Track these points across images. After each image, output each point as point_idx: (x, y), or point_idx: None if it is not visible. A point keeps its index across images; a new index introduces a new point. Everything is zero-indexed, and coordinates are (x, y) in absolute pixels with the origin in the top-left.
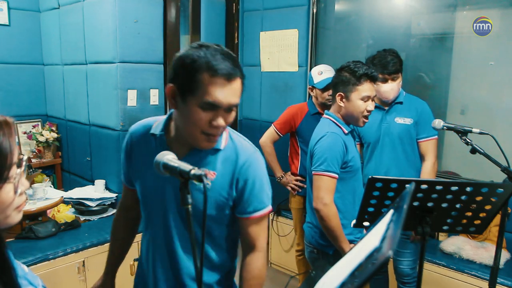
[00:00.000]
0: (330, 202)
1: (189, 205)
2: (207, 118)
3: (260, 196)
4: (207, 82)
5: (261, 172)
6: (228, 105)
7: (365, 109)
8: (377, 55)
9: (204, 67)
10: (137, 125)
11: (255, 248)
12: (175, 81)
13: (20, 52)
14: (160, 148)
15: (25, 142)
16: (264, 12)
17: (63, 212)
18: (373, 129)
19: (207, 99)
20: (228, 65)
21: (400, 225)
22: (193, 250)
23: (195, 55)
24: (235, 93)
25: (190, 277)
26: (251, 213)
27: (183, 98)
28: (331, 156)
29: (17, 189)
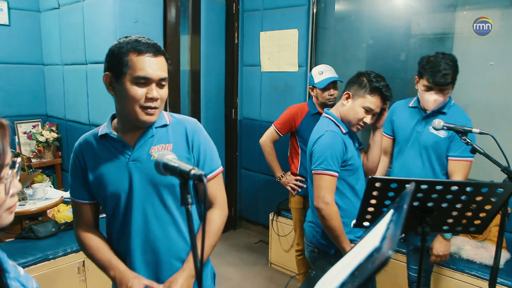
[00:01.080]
0: (331, 201)
1: (189, 205)
2: (142, 92)
3: (213, 157)
4: (135, 60)
5: (207, 136)
6: (158, 78)
7: (362, 119)
8: (431, 58)
9: (130, 49)
10: (80, 140)
11: (214, 205)
12: (108, 69)
13: (20, 52)
14: (114, 143)
15: (25, 142)
16: (264, 12)
17: (63, 212)
18: (405, 130)
19: (138, 73)
20: (150, 45)
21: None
22: (193, 249)
23: (121, 43)
24: (162, 67)
25: (169, 255)
26: (210, 174)
27: (118, 81)
28: (331, 154)
29: (9, 190)
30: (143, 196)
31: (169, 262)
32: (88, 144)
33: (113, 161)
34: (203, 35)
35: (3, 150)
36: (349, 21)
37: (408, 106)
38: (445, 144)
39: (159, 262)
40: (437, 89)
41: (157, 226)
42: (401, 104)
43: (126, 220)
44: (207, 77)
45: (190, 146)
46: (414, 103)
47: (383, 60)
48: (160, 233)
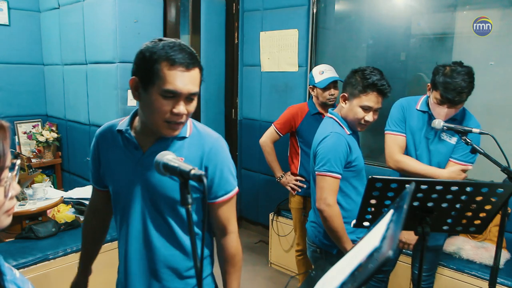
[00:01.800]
0: (333, 202)
1: (189, 205)
2: (168, 106)
3: (228, 179)
4: (166, 71)
5: (227, 156)
6: (188, 93)
7: (363, 118)
8: (448, 70)
9: (163, 57)
10: (102, 127)
11: (228, 230)
12: (137, 74)
13: (20, 52)
14: (127, 141)
15: (25, 142)
16: (264, 12)
17: (63, 212)
18: (415, 134)
19: (167, 87)
20: (186, 56)
21: (400, 225)
22: (193, 251)
23: (154, 48)
24: (194, 81)
25: (166, 266)
26: (221, 196)
27: (145, 89)
28: (335, 156)
29: (8, 192)
30: (143, 204)
31: (165, 273)
32: (106, 134)
33: (122, 160)
34: (203, 35)
35: (3, 152)
36: (349, 21)
37: (416, 109)
38: (452, 149)
39: (155, 271)
40: (449, 105)
41: (156, 235)
42: (408, 103)
43: (125, 220)
44: (207, 77)
45: (202, 165)
46: (422, 107)
47: (383, 60)
48: (158, 243)
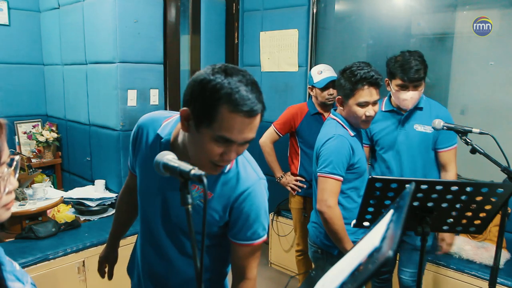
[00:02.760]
0: (334, 204)
1: (189, 205)
2: (219, 151)
3: (254, 227)
4: (226, 117)
5: (259, 203)
6: (243, 141)
7: (364, 115)
8: (399, 57)
9: (225, 100)
10: (147, 118)
11: (245, 275)
12: (191, 105)
13: (20, 52)
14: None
15: (25, 142)
16: (264, 12)
17: (63, 212)
18: (388, 134)
19: (223, 134)
20: (252, 100)
21: (400, 225)
22: (193, 253)
23: (218, 84)
24: (253, 129)
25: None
26: (243, 241)
27: (198, 126)
28: (337, 159)
29: (5, 187)
30: (157, 220)
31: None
32: (147, 128)
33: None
34: (203, 35)
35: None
36: (349, 21)
37: (381, 111)
38: (433, 139)
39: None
40: (412, 86)
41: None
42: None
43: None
44: None
45: (229, 207)
46: (387, 107)
47: (383, 60)
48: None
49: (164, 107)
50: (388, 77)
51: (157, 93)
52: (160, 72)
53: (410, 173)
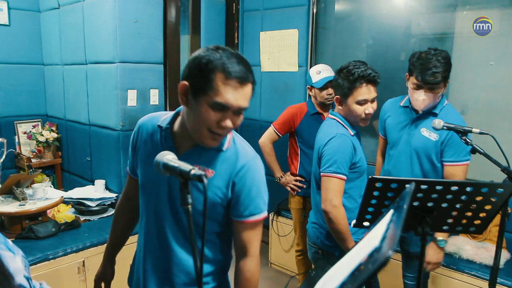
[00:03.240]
0: (339, 204)
1: (189, 205)
2: (216, 118)
3: (256, 201)
4: (220, 83)
5: (259, 177)
6: (238, 108)
7: (363, 112)
8: (422, 54)
9: (219, 68)
10: (146, 117)
11: (248, 253)
12: (188, 79)
13: (20, 52)
14: (164, 140)
15: (25, 142)
16: (264, 12)
17: (63, 212)
18: (396, 130)
19: (218, 100)
20: (242, 69)
21: (400, 225)
22: (193, 251)
23: (212, 56)
24: (246, 97)
25: (179, 268)
26: (246, 217)
27: (195, 96)
28: (341, 158)
29: None
30: (164, 206)
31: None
32: (148, 125)
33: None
34: (203, 35)
35: None
36: (349, 21)
37: (400, 105)
38: (436, 148)
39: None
40: (427, 88)
41: (172, 239)
42: (392, 102)
43: (145, 213)
44: None
45: (230, 182)
46: (405, 102)
47: (383, 60)
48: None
49: (164, 107)
50: (408, 72)
51: (157, 93)
52: (160, 72)
53: (408, 175)
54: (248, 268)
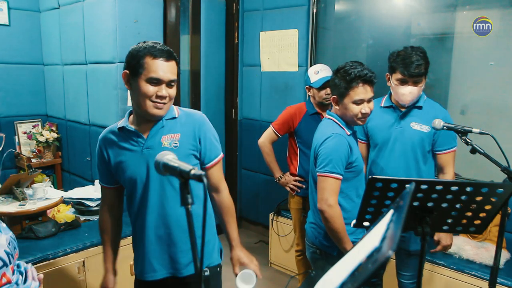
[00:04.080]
0: (335, 203)
1: (189, 205)
2: (154, 90)
3: (215, 145)
4: (150, 63)
5: (211, 128)
6: (168, 80)
7: (359, 112)
8: (402, 52)
9: (147, 53)
10: (103, 132)
11: (221, 188)
12: (127, 68)
13: (20, 52)
14: (129, 134)
15: (25, 142)
16: (264, 12)
17: (63, 212)
18: (383, 130)
19: (151, 75)
20: (164, 51)
21: (400, 225)
22: (192, 249)
23: (139, 47)
24: (172, 71)
25: (180, 229)
26: (213, 160)
27: (134, 79)
28: (336, 157)
29: None
30: (157, 179)
31: (179, 235)
32: (109, 136)
33: (130, 150)
34: (203, 35)
35: None
36: (349, 21)
37: (380, 107)
38: (429, 139)
39: (170, 235)
40: (412, 81)
41: (169, 204)
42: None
43: (143, 198)
44: (207, 77)
45: (197, 136)
46: (386, 103)
47: (383, 60)
48: (171, 210)
49: None
50: (389, 72)
51: None
52: None
53: (402, 172)
54: (225, 199)
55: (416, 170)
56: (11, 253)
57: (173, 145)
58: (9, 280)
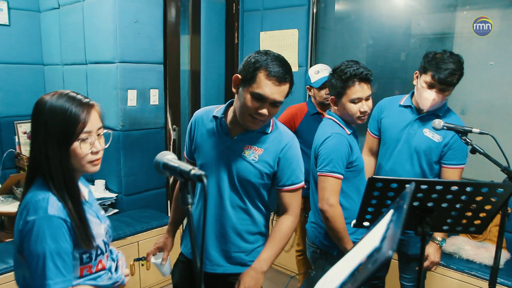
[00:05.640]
0: (336, 203)
1: (189, 205)
2: (255, 105)
3: (297, 172)
4: (262, 79)
5: (298, 153)
6: (273, 100)
7: (358, 111)
8: (439, 55)
9: (263, 66)
10: (200, 110)
11: (288, 211)
12: (241, 73)
13: (20, 52)
14: (220, 127)
15: (25, 142)
16: (264, 12)
17: None
18: (395, 129)
19: (258, 91)
20: (282, 71)
21: (400, 225)
22: (192, 250)
23: (259, 58)
24: (281, 93)
25: (234, 231)
26: (289, 185)
27: (243, 86)
28: (337, 157)
29: (92, 148)
30: (224, 180)
31: (233, 237)
32: (203, 116)
33: (213, 140)
34: (203, 35)
35: (84, 120)
36: (349, 21)
37: (399, 105)
38: (438, 150)
39: (225, 234)
40: (439, 88)
41: (229, 206)
42: (390, 101)
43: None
44: (207, 77)
45: (277, 158)
46: (406, 102)
47: (383, 60)
48: (230, 212)
49: (164, 107)
50: (419, 70)
51: (157, 93)
52: (160, 72)
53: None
54: (285, 222)
55: (421, 177)
56: (107, 242)
57: (251, 158)
58: (104, 267)
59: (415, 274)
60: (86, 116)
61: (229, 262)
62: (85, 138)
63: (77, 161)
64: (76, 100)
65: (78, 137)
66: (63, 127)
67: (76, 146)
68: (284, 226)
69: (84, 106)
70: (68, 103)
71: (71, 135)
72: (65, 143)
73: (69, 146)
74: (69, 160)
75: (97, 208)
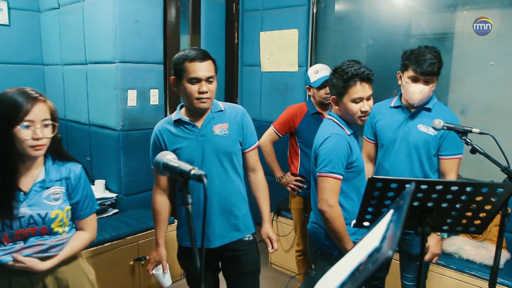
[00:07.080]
0: (335, 203)
1: (189, 205)
2: (195, 88)
3: (254, 133)
4: (188, 65)
5: (250, 119)
6: (206, 77)
7: (359, 110)
8: (415, 50)
9: (184, 57)
10: (158, 124)
11: (257, 169)
12: (174, 74)
13: (20, 52)
14: (185, 124)
15: None
16: (264, 12)
17: None
18: (390, 130)
19: (191, 76)
20: (199, 52)
21: (400, 225)
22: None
23: (180, 55)
24: (209, 69)
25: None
26: (251, 145)
27: (179, 82)
28: (336, 157)
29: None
30: (209, 161)
31: (228, 208)
32: (165, 127)
33: (185, 138)
34: (203, 35)
35: (26, 109)
36: (349, 21)
37: (390, 107)
38: (435, 142)
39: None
40: (423, 80)
41: (219, 183)
42: (381, 105)
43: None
44: None
45: (241, 125)
46: (396, 103)
47: (383, 60)
48: (220, 187)
49: (164, 107)
50: (401, 69)
51: (157, 93)
52: (160, 72)
53: (408, 174)
54: (261, 178)
55: (422, 173)
56: (24, 227)
57: (223, 133)
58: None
59: (416, 273)
60: (29, 107)
61: (232, 230)
62: (28, 125)
63: (19, 144)
64: (25, 94)
65: (20, 123)
66: (8, 112)
67: (18, 130)
68: (263, 181)
69: (30, 99)
70: (18, 95)
71: (14, 120)
72: (8, 126)
73: (11, 129)
74: (11, 142)
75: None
